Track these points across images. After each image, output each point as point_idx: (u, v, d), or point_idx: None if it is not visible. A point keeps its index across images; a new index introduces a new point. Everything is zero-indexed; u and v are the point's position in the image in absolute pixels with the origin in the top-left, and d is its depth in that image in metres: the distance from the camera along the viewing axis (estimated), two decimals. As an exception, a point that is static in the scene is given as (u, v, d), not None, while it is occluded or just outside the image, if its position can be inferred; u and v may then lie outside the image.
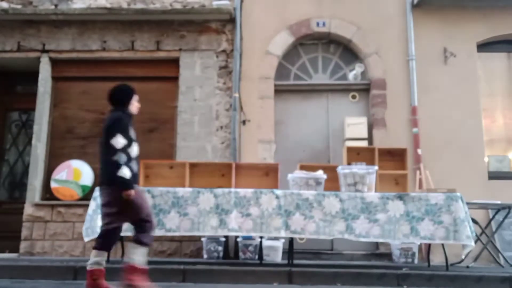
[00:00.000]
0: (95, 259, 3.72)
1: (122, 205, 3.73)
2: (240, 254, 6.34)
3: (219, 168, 6.05)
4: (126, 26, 7.53)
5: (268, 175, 6.04)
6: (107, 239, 3.78)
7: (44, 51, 7.54)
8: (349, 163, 5.87)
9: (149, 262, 5.38)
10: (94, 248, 3.75)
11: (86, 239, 5.20)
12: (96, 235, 4.34)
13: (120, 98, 3.99)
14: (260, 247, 5.89)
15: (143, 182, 5.81)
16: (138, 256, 3.77)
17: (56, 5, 7.63)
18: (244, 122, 7.25)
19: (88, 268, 3.72)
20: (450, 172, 6.87)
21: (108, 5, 7.56)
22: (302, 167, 5.83)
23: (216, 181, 5.93)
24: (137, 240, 3.79)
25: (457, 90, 7.29)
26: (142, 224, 3.83)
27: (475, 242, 5.17)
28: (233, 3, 7.51)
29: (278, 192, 5.19)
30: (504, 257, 6.33)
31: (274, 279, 4.73)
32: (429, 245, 5.78)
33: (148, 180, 5.89)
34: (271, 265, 5.40)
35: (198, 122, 7.27)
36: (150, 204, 5.10)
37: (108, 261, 5.39)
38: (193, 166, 5.98)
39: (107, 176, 3.76)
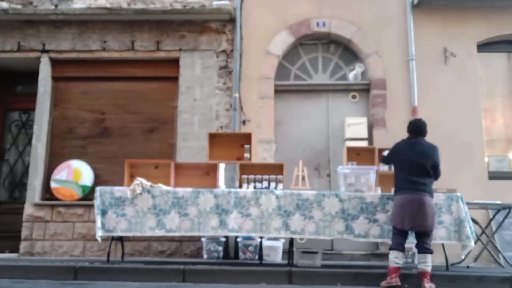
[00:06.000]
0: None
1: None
2: (240, 254, 6.34)
3: (203, 168, 5.99)
4: (126, 26, 7.53)
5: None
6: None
7: (44, 51, 7.54)
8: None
9: (149, 262, 5.41)
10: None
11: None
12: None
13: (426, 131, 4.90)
14: (260, 247, 5.88)
15: (127, 181, 5.73)
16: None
17: (56, 5, 7.63)
18: (244, 122, 7.25)
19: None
20: (450, 172, 6.84)
21: (108, 5, 7.56)
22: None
23: (200, 181, 5.85)
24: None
25: (457, 90, 7.29)
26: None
27: (475, 242, 5.17)
28: (233, 3, 7.51)
29: (278, 192, 5.18)
30: (504, 257, 6.33)
31: (274, 279, 4.73)
32: (429, 245, 5.76)
33: (133, 180, 5.82)
34: (271, 265, 5.39)
35: (198, 122, 7.27)
36: None
37: (108, 261, 5.41)
38: (178, 166, 5.94)
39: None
